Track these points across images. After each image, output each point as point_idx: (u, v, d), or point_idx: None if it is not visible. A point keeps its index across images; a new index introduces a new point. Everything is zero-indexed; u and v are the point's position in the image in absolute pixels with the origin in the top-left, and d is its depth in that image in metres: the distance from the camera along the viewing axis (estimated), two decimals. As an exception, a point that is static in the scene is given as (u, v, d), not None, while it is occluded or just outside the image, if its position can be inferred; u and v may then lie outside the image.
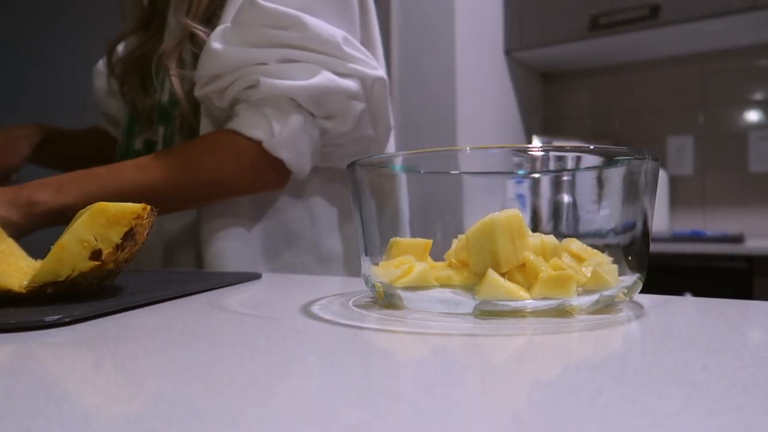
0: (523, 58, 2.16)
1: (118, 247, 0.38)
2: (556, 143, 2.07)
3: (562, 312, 0.33)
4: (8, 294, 0.36)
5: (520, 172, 0.37)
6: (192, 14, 0.70)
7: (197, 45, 0.70)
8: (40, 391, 0.20)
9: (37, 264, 0.41)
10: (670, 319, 0.33)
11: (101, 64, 0.90)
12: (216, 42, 0.65)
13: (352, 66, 0.66)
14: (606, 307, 0.34)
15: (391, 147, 0.81)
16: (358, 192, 0.39)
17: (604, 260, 0.35)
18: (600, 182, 0.36)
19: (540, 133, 2.29)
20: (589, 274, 0.33)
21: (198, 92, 0.68)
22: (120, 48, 0.84)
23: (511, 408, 0.18)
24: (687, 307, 0.38)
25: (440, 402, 0.19)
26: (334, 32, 0.66)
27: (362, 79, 0.67)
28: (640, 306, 0.37)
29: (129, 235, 0.38)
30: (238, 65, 0.64)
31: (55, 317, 0.32)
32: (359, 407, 0.18)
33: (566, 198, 0.36)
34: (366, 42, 0.76)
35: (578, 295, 0.33)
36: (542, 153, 0.37)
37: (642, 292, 0.38)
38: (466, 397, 0.19)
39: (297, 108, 0.65)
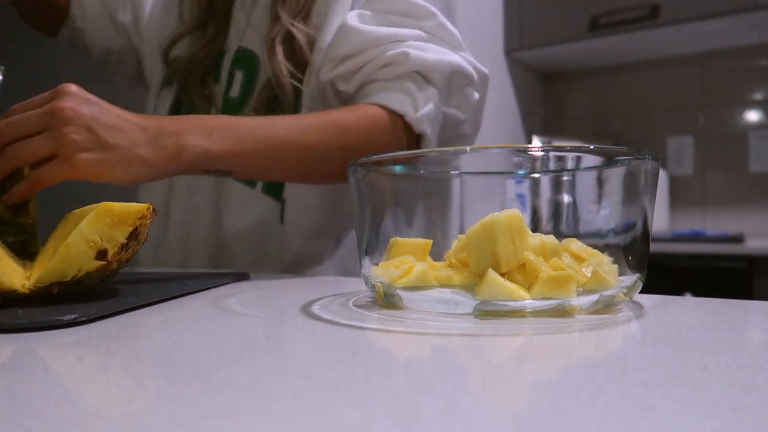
0: (523, 58, 2.16)
1: (123, 247, 0.38)
2: (556, 143, 2.07)
3: (562, 312, 0.33)
4: (13, 294, 0.37)
5: (520, 172, 0.37)
6: (291, 12, 0.71)
7: (293, 44, 0.71)
8: (41, 391, 0.20)
9: (27, 264, 0.41)
10: (670, 319, 0.33)
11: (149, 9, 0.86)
12: (353, 21, 0.66)
13: (469, 58, 0.70)
14: (606, 307, 0.34)
15: None
16: (359, 192, 0.39)
17: (604, 260, 0.35)
18: (600, 182, 0.36)
19: (540, 133, 2.29)
20: (589, 274, 0.33)
21: (326, 75, 0.68)
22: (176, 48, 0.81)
23: (511, 408, 0.18)
24: (687, 307, 0.38)
25: (440, 402, 0.19)
26: (455, 30, 0.70)
27: (477, 71, 0.71)
28: (640, 306, 0.37)
29: (134, 234, 0.39)
30: (379, 42, 0.66)
31: (72, 316, 0.32)
32: (359, 407, 0.18)
33: (566, 198, 0.36)
34: None
35: (578, 295, 0.33)
36: (542, 153, 0.37)
37: (642, 292, 0.38)
38: (466, 397, 0.19)
39: (433, 86, 0.67)
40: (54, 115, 0.46)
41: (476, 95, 0.71)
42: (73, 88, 0.48)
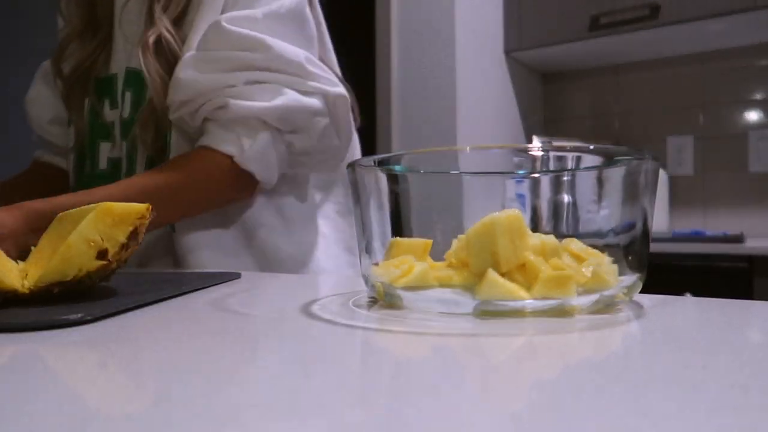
0: (523, 58, 2.16)
1: (123, 247, 0.38)
2: (556, 143, 2.07)
3: (562, 312, 0.33)
4: (13, 294, 0.37)
5: (520, 172, 0.37)
6: (167, 14, 0.72)
7: (164, 48, 0.71)
8: (41, 392, 0.20)
9: (21, 264, 0.41)
10: (670, 319, 0.33)
11: (33, 92, 0.87)
12: (185, 70, 0.68)
13: (314, 84, 0.71)
14: (606, 307, 0.34)
15: (356, 151, 0.85)
16: (358, 192, 0.39)
17: (604, 260, 0.35)
18: (600, 182, 0.36)
19: (540, 133, 2.29)
20: (589, 275, 0.33)
21: (172, 116, 0.71)
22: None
23: (511, 408, 0.18)
24: (687, 307, 0.38)
25: (440, 402, 0.19)
26: (297, 53, 0.70)
27: (325, 95, 0.71)
28: (640, 306, 0.37)
29: (133, 234, 0.39)
30: (207, 90, 0.68)
31: (78, 315, 0.32)
32: (359, 407, 0.18)
33: (566, 198, 0.36)
34: (322, 54, 0.80)
35: (578, 295, 0.33)
36: (542, 153, 0.37)
37: (642, 292, 0.38)
38: (466, 397, 0.19)
39: (264, 125, 0.69)
40: None
41: (323, 121, 0.72)
42: None
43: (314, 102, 0.70)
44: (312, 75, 0.70)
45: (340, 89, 0.73)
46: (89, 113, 0.79)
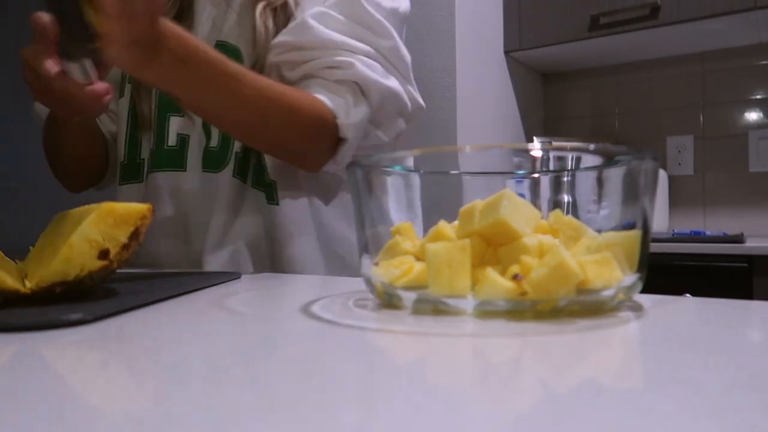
0: (523, 58, 2.16)
1: (125, 247, 0.39)
2: (556, 143, 2.07)
3: (562, 312, 0.33)
4: (14, 294, 0.37)
5: (520, 172, 0.37)
6: None
7: (281, 16, 0.73)
8: (41, 392, 0.20)
9: (20, 264, 0.41)
10: (670, 319, 0.33)
11: None
12: (314, 20, 0.69)
13: (409, 88, 0.73)
14: (606, 307, 0.34)
15: None
16: (358, 192, 0.39)
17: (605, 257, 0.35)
18: (600, 182, 0.36)
19: (540, 133, 2.29)
20: (590, 273, 0.33)
21: (275, 57, 0.71)
22: None
23: (511, 408, 0.18)
24: (687, 307, 0.38)
25: (440, 402, 0.19)
26: (407, 54, 0.73)
27: (412, 101, 0.74)
28: (640, 306, 0.37)
29: (135, 234, 0.39)
30: (330, 45, 0.68)
31: (79, 315, 0.32)
32: (359, 407, 0.18)
33: (566, 198, 0.36)
34: None
35: (578, 294, 0.33)
36: (542, 153, 0.37)
37: (642, 292, 0.38)
38: (466, 397, 0.19)
39: (367, 102, 0.70)
40: None
41: (403, 125, 0.74)
42: None
43: (408, 103, 0.72)
44: (411, 80, 0.73)
45: (423, 102, 0.75)
46: (157, 96, 0.77)
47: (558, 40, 2.00)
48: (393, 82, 0.70)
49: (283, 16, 0.73)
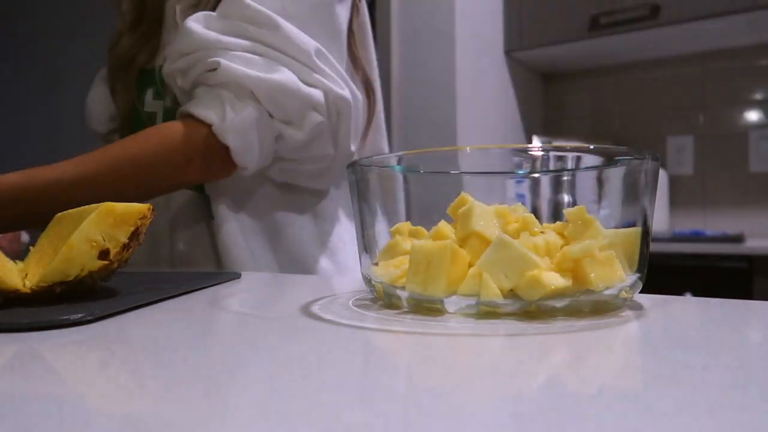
0: (523, 58, 2.16)
1: (125, 247, 0.39)
2: (556, 143, 2.07)
3: (562, 312, 0.33)
4: (15, 294, 0.37)
5: (520, 172, 0.37)
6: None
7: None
8: (41, 392, 0.20)
9: (20, 264, 0.41)
10: (670, 319, 0.33)
11: (94, 93, 0.87)
12: (193, 22, 0.67)
13: (317, 77, 0.67)
14: (606, 307, 0.34)
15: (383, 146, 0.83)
16: (358, 192, 0.39)
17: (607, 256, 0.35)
18: (600, 182, 0.36)
19: (540, 133, 2.29)
20: (591, 274, 0.33)
21: (166, 68, 0.69)
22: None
23: (511, 408, 0.18)
24: (687, 307, 0.38)
25: (440, 402, 0.19)
26: (308, 41, 0.67)
27: (326, 92, 0.67)
28: (640, 306, 0.37)
29: (134, 234, 0.39)
30: (205, 45, 0.66)
31: (79, 315, 0.32)
32: (359, 407, 0.18)
33: (566, 198, 0.36)
34: (363, 55, 0.79)
35: (576, 294, 0.33)
36: (542, 153, 0.37)
37: (642, 292, 0.38)
38: (466, 397, 0.19)
39: (255, 102, 0.65)
40: None
41: (319, 118, 0.67)
42: None
43: (314, 93, 0.66)
44: (318, 68, 0.67)
45: (346, 92, 0.69)
46: (131, 103, 0.78)
47: (558, 40, 2.00)
48: (281, 75, 0.65)
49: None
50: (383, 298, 0.37)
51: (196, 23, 0.67)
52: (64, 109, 1.65)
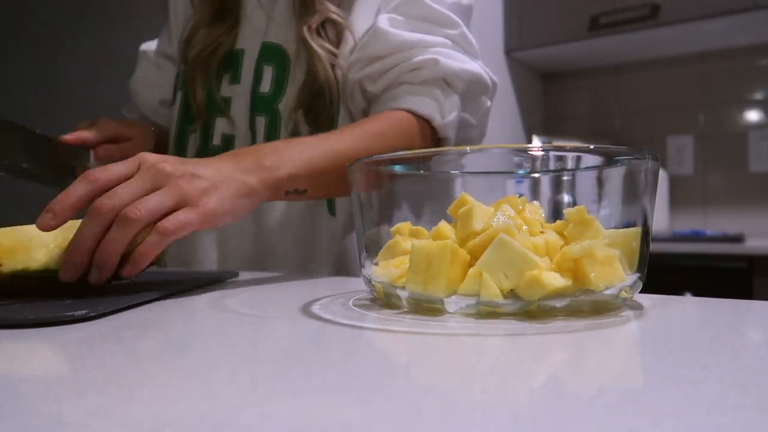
0: (523, 58, 2.16)
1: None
2: (556, 143, 2.07)
3: (562, 312, 0.33)
4: (46, 273, 0.40)
5: (520, 172, 0.37)
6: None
7: (331, 31, 0.72)
8: (41, 391, 0.20)
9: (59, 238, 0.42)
10: (670, 319, 0.33)
11: (140, 74, 0.88)
12: (384, 24, 0.69)
13: (484, 67, 0.73)
14: (606, 307, 0.34)
15: None
16: (358, 192, 0.39)
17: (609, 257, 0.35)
18: (600, 182, 0.36)
19: (540, 133, 2.29)
20: (591, 274, 0.33)
21: (355, 75, 0.70)
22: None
23: (511, 408, 0.18)
24: (687, 307, 0.38)
25: (440, 402, 0.19)
26: (474, 41, 0.73)
27: (492, 81, 0.73)
28: (640, 306, 0.37)
29: None
30: (408, 47, 0.68)
31: (83, 312, 0.33)
32: (359, 407, 0.18)
33: (566, 198, 0.36)
34: None
35: (577, 294, 0.33)
36: (542, 153, 0.37)
37: (642, 292, 0.38)
38: (466, 397, 0.19)
39: (456, 94, 0.70)
40: (159, 173, 0.46)
41: (488, 103, 0.74)
42: (151, 155, 0.48)
43: (488, 81, 0.72)
44: (481, 63, 0.73)
45: (496, 79, 0.74)
46: (206, 89, 0.78)
47: (558, 40, 2.00)
48: (473, 65, 0.70)
49: (332, 31, 0.72)
50: (383, 298, 0.37)
51: (389, 27, 0.69)
52: (64, 109, 1.65)
